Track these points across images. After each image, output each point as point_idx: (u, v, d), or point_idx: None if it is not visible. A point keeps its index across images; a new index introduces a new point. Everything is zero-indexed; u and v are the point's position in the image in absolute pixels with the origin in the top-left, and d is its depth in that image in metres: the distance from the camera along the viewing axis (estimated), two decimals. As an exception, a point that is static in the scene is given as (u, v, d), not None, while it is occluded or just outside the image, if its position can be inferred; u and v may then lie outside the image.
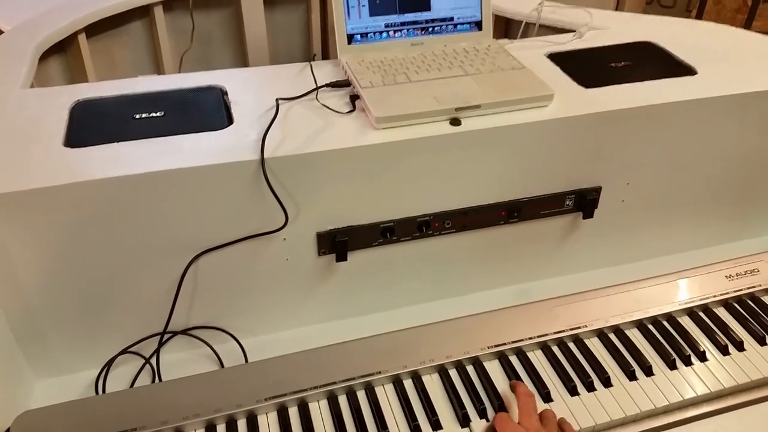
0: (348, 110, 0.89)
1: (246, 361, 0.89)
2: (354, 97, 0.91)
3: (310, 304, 0.94)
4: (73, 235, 0.78)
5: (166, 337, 0.89)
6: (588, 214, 0.98)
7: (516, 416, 0.77)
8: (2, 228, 0.74)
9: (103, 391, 0.86)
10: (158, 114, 0.87)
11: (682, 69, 1.02)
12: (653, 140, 0.95)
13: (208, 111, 0.89)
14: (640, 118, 0.92)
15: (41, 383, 0.87)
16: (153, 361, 0.89)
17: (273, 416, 0.79)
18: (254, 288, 0.90)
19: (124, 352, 0.89)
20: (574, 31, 1.13)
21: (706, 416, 0.83)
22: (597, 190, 0.97)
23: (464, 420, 0.79)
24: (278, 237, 0.86)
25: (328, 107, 0.89)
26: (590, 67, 1.02)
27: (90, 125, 0.85)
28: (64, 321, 0.84)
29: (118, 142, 0.81)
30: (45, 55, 1.18)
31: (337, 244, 0.88)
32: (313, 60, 1.01)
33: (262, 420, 0.79)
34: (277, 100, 0.89)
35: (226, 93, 0.94)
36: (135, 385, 0.86)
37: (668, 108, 0.93)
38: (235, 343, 0.92)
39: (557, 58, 1.05)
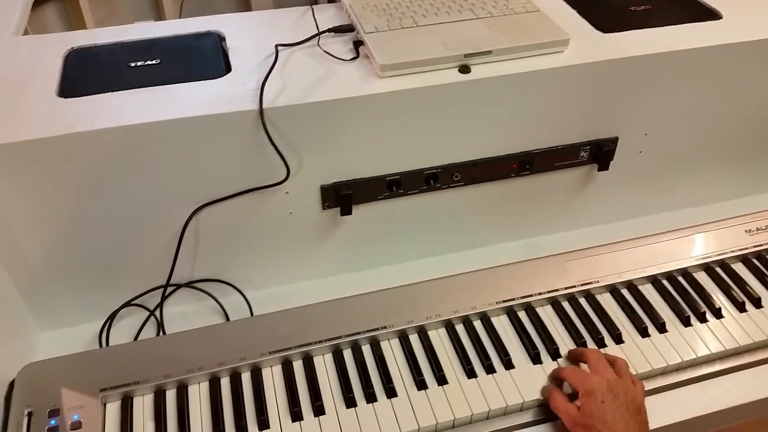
0: (351, 57, 0.85)
1: (251, 314, 0.89)
2: (357, 43, 0.87)
3: (315, 257, 0.93)
4: (70, 188, 0.76)
5: (170, 289, 0.89)
6: (603, 165, 0.95)
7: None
8: (-4, 180, 0.73)
9: (107, 343, 0.86)
10: (154, 62, 0.84)
11: (706, 13, 0.98)
12: (674, 88, 0.91)
13: (205, 58, 0.86)
14: (661, 65, 0.88)
15: (46, 335, 0.87)
16: (157, 313, 0.88)
17: (277, 370, 0.79)
18: (258, 241, 0.89)
19: (128, 304, 0.88)
20: (593, -29, 1.07)
21: (719, 374, 0.81)
22: (614, 141, 0.94)
23: (470, 374, 0.78)
24: (281, 190, 0.84)
25: (330, 54, 0.86)
26: (608, 10, 0.98)
27: (84, 74, 0.83)
28: (67, 274, 0.83)
29: (112, 91, 0.79)
30: (42, 1, 1.15)
31: (341, 197, 0.86)
32: (316, 3, 0.97)
33: (266, 373, 0.78)
34: (276, 46, 0.85)
35: (224, 39, 0.90)
36: (139, 338, 0.86)
37: (690, 54, 0.88)
38: (240, 296, 0.91)
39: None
